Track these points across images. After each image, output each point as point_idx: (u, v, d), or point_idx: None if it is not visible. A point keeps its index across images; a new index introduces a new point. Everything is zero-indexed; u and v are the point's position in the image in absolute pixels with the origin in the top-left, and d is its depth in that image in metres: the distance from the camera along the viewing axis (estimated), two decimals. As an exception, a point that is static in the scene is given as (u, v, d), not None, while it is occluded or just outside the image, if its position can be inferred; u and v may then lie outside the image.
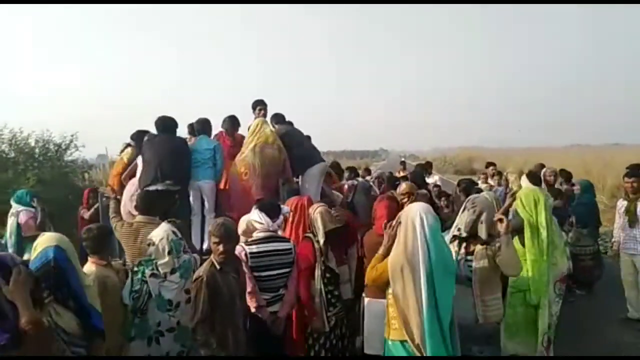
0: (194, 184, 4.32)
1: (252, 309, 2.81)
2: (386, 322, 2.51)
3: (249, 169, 4.29)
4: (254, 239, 2.95)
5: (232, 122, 4.93)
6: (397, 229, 2.46)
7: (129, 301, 2.74)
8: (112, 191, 4.60)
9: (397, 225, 2.49)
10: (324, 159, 4.98)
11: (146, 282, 2.76)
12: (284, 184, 4.51)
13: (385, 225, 2.63)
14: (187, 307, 2.77)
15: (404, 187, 4.20)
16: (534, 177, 4.55)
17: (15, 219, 4.32)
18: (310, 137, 5.31)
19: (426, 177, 6.39)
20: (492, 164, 7.59)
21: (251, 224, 3.04)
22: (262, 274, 2.86)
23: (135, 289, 2.74)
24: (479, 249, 2.70)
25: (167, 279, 2.78)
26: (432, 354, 2.26)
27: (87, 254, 2.77)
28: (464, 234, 2.79)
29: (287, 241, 3.05)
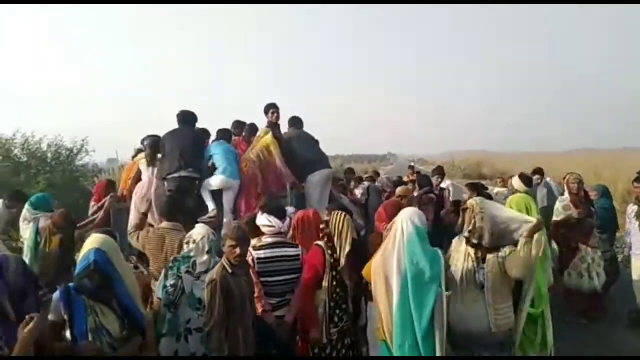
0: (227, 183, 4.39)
1: (258, 313, 2.80)
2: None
3: (248, 161, 4.54)
4: (262, 244, 2.94)
5: (251, 130, 5.11)
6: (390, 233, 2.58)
7: (161, 294, 2.78)
8: (122, 196, 4.65)
9: (390, 228, 2.60)
10: (330, 165, 5.01)
11: (181, 278, 2.79)
12: (292, 188, 4.54)
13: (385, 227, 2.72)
14: None
15: (398, 190, 4.32)
16: (526, 179, 4.63)
17: (34, 225, 4.06)
18: (318, 141, 5.36)
19: (440, 181, 6.46)
20: (538, 171, 6.79)
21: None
22: (268, 279, 2.85)
23: (170, 283, 2.77)
24: (490, 256, 2.66)
25: (200, 279, 2.78)
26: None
27: None
28: (474, 240, 2.72)
29: (296, 246, 3.02)
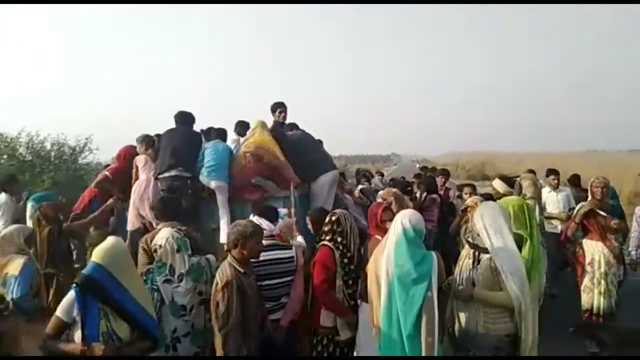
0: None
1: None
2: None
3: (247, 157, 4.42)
4: None
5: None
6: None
7: None
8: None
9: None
10: (335, 166, 4.99)
11: (156, 290, 2.73)
12: (296, 187, 4.51)
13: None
14: (201, 309, 2.77)
15: (380, 193, 4.28)
16: (507, 181, 4.29)
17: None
18: (322, 142, 5.33)
19: (444, 181, 6.47)
20: (553, 172, 6.49)
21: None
22: (262, 283, 2.77)
23: None
24: (484, 258, 2.57)
25: (180, 285, 2.72)
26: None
27: None
28: (472, 240, 2.74)
29: (289, 248, 2.97)
